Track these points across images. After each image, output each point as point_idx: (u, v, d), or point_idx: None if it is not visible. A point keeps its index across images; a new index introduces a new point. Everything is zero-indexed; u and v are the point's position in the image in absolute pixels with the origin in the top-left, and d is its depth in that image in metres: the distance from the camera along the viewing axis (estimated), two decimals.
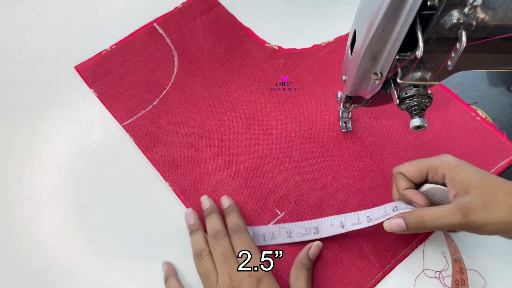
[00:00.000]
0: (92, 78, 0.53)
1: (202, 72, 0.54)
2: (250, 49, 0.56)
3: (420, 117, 0.33)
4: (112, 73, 0.54)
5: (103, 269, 0.45)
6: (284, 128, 0.51)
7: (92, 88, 0.53)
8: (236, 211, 0.45)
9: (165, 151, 0.49)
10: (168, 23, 0.57)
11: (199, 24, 0.57)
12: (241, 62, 0.55)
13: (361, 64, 0.34)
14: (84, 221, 0.47)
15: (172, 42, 0.56)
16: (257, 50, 0.56)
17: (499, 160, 0.49)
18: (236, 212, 0.44)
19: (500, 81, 0.54)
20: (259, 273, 0.39)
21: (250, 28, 0.57)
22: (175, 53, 0.55)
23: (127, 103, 0.52)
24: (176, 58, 0.55)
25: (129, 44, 0.55)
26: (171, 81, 0.54)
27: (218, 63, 0.55)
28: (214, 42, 0.56)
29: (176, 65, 0.55)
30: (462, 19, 0.26)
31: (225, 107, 0.52)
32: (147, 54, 0.55)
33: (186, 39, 0.56)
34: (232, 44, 0.56)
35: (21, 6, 0.58)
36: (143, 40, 0.56)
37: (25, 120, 0.51)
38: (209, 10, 0.58)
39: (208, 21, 0.58)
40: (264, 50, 0.56)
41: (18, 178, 0.49)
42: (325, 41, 0.57)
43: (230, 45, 0.56)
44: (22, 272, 0.44)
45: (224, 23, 0.58)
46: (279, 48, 0.56)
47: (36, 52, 0.55)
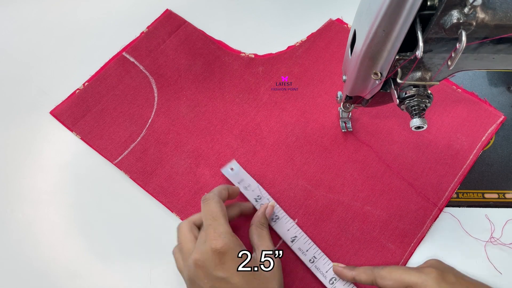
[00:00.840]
0: (71, 121, 0.51)
1: (183, 93, 0.53)
2: (227, 62, 0.55)
3: (420, 117, 0.33)
4: (91, 112, 0.51)
5: (103, 269, 0.45)
6: (279, 135, 0.51)
7: (73, 131, 0.50)
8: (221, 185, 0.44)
9: (165, 181, 0.48)
10: (138, 50, 0.55)
11: (169, 45, 0.56)
12: (220, 76, 0.54)
13: (361, 64, 0.34)
14: (84, 221, 0.47)
15: (146, 68, 0.54)
16: (234, 62, 0.55)
17: (487, 126, 0.51)
18: (219, 186, 0.43)
19: (500, 81, 0.55)
20: (223, 245, 0.36)
21: (222, 40, 0.57)
22: (152, 79, 0.54)
23: (114, 140, 0.50)
24: (154, 84, 0.53)
25: (102, 79, 0.53)
26: (154, 109, 0.52)
27: (198, 82, 0.54)
28: (189, 61, 0.55)
29: (156, 91, 0.53)
30: (462, 19, 0.26)
31: (215, 124, 0.51)
32: (123, 85, 0.53)
33: (160, 63, 0.55)
34: (207, 60, 0.55)
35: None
36: (115, 72, 0.54)
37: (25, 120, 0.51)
38: (177, 29, 0.57)
39: (178, 41, 0.56)
40: (240, 60, 0.55)
41: (18, 178, 0.49)
42: (298, 41, 0.57)
43: (206, 61, 0.55)
44: (22, 272, 0.45)
45: (195, 40, 0.56)
46: (255, 56, 0.56)
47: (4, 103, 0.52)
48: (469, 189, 0.48)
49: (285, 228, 0.45)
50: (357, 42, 0.33)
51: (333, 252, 0.45)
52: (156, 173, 0.48)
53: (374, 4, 0.28)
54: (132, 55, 0.55)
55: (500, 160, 0.50)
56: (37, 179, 0.48)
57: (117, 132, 0.50)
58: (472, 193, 0.48)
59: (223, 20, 0.59)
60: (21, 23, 0.58)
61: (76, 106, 0.52)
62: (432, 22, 0.27)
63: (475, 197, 0.48)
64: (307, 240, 0.45)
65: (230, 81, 0.54)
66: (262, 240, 0.41)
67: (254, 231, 0.42)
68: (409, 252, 0.45)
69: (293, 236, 0.45)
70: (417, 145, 0.50)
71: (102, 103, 0.52)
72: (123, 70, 0.54)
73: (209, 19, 0.58)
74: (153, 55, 0.55)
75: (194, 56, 0.55)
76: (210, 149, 0.50)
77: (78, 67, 0.54)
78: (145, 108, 0.52)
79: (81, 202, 0.48)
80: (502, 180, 0.49)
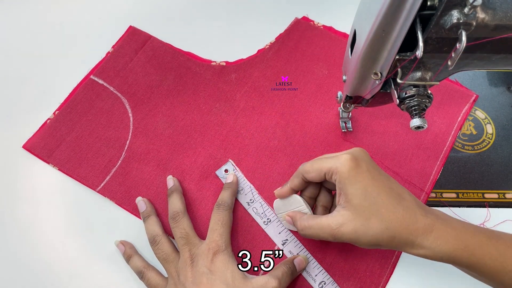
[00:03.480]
0: (46, 153, 0.49)
1: (159, 109, 0.52)
2: (198, 73, 0.54)
3: (420, 117, 0.33)
4: (65, 141, 0.50)
5: (103, 269, 0.44)
6: (260, 139, 0.50)
7: (50, 163, 0.48)
8: (179, 190, 0.46)
9: (152, 203, 0.47)
10: (106, 71, 0.54)
11: (137, 62, 0.55)
12: (194, 88, 0.53)
13: (361, 64, 0.34)
14: (84, 221, 0.47)
15: (116, 89, 0.53)
16: (206, 71, 0.54)
17: (461, 107, 0.52)
18: (178, 192, 0.46)
19: (500, 81, 0.55)
20: (216, 247, 0.40)
21: (191, 51, 0.56)
22: (124, 99, 0.52)
23: (93, 167, 0.48)
24: (127, 104, 0.52)
25: (72, 105, 0.52)
26: (130, 129, 0.51)
27: (172, 96, 0.53)
28: (160, 76, 0.54)
29: (130, 111, 0.52)
30: (462, 19, 0.26)
31: (195, 138, 0.51)
32: (95, 110, 0.52)
33: (130, 82, 0.53)
34: (178, 73, 0.54)
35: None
36: (85, 97, 0.52)
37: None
38: (143, 45, 0.56)
39: (146, 57, 0.55)
40: (212, 69, 0.55)
41: (18, 177, 0.48)
42: (267, 43, 0.57)
43: (177, 74, 0.54)
44: (22, 272, 0.44)
45: (163, 54, 0.55)
46: (227, 63, 0.55)
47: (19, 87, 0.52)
48: (469, 189, 0.49)
49: (277, 231, 0.45)
50: (357, 42, 0.33)
51: (325, 254, 0.45)
52: (142, 195, 0.47)
53: (374, 4, 0.28)
54: (101, 77, 0.53)
55: (500, 160, 0.50)
56: (37, 178, 0.49)
57: (96, 158, 0.49)
58: (472, 193, 0.49)
59: (188, 31, 0.58)
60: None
61: (50, 137, 0.50)
62: (432, 22, 0.27)
63: (475, 197, 0.48)
64: (298, 243, 0.45)
65: (205, 91, 0.53)
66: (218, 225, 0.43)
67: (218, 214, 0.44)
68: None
69: (284, 239, 0.45)
70: (397, 133, 0.51)
71: (76, 131, 0.50)
72: (93, 93, 0.52)
73: (174, 31, 0.57)
74: (122, 74, 0.54)
75: (165, 71, 0.54)
76: (194, 163, 0.49)
77: (45, 96, 0.52)
78: (121, 130, 0.51)
79: (81, 202, 0.47)
80: (502, 180, 0.49)
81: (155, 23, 0.58)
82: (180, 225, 0.42)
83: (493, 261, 0.34)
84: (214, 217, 0.43)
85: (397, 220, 0.34)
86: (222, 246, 0.41)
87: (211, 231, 0.42)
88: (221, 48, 0.56)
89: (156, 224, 0.44)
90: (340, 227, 0.35)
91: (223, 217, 0.43)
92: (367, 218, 0.35)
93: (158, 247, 0.42)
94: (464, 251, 0.34)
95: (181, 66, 0.55)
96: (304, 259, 0.43)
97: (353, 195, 0.35)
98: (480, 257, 0.34)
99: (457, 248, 0.34)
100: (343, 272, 0.44)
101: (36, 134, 0.50)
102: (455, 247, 0.34)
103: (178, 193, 0.45)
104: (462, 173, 0.50)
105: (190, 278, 0.39)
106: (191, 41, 0.56)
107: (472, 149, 0.51)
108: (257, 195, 0.47)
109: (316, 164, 0.38)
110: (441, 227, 0.34)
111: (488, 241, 0.34)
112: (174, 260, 0.41)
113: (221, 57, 0.55)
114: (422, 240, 0.34)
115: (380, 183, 0.36)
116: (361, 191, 0.35)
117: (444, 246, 0.34)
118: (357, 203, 0.35)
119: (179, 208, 0.44)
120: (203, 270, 0.39)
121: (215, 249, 0.40)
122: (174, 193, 0.45)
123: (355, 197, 0.35)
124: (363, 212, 0.35)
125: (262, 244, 0.46)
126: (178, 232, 0.42)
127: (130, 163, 0.49)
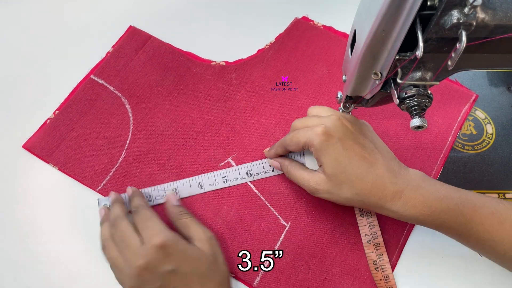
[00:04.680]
0: (46, 152, 0.49)
1: (159, 109, 0.52)
2: (198, 72, 0.54)
3: (420, 117, 0.33)
4: (65, 140, 0.50)
5: (103, 269, 0.43)
6: (260, 140, 0.50)
7: (50, 163, 0.48)
8: (139, 195, 0.45)
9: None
10: (106, 71, 0.54)
11: (137, 62, 0.55)
12: (194, 88, 0.53)
13: (361, 64, 0.34)
14: (84, 221, 0.47)
15: (117, 88, 0.53)
16: (206, 71, 0.54)
17: (461, 106, 0.52)
18: (137, 196, 0.45)
19: (500, 81, 0.55)
20: (162, 238, 0.38)
21: (191, 51, 0.56)
22: (124, 99, 0.52)
23: (93, 167, 0.48)
24: (127, 104, 0.52)
25: (72, 105, 0.52)
26: (130, 129, 0.51)
27: (172, 96, 0.53)
28: (160, 76, 0.54)
29: (130, 111, 0.52)
30: (462, 19, 0.26)
31: (194, 138, 0.51)
32: (95, 109, 0.52)
33: (130, 81, 0.53)
34: (178, 73, 0.54)
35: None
36: (85, 96, 0.52)
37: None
38: (143, 45, 0.56)
39: (146, 57, 0.55)
40: (212, 69, 0.55)
41: (18, 177, 0.48)
42: (267, 43, 0.57)
43: (177, 74, 0.54)
44: (22, 272, 0.44)
45: (163, 54, 0.55)
46: (227, 63, 0.55)
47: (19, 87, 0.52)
48: (469, 189, 0.48)
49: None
50: (357, 42, 0.33)
51: (325, 254, 0.45)
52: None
53: (374, 4, 0.28)
54: (101, 77, 0.53)
55: (500, 160, 0.50)
56: (37, 178, 0.48)
57: (96, 158, 0.49)
58: None
59: (188, 31, 0.58)
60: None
61: (50, 136, 0.50)
62: (432, 22, 0.27)
63: None
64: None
65: (205, 91, 0.53)
66: (189, 229, 0.42)
67: (178, 225, 0.43)
68: (403, 240, 0.46)
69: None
70: (397, 134, 0.51)
71: (76, 130, 0.50)
72: (93, 93, 0.52)
73: (174, 31, 0.57)
74: (122, 74, 0.54)
75: (165, 70, 0.54)
76: (194, 163, 0.49)
77: (45, 96, 0.52)
78: (121, 129, 0.51)
79: (81, 202, 0.47)
80: (502, 180, 0.49)
81: (155, 23, 0.58)
82: (118, 228, 0.40)
83: (459, 225, 0.38)
84: (137, 220, 0.41)
85: (366, 187, 0.39)
86: (166, 233, 0.39)
87: (142, 229, 0.39)
88: (221, 48, 0.56)
89: (106, 230, 0.42)
90: (316, 185, 0.41)
91: (142, 215, 0.41)
92: (339, 184, 0.39)
93: (106, 252, 0.40)
94: (429, 216, 0.38)
95: (181, 66, 0.55)
96: (170, 194, 0.46)
97: (326, 164, 0.39)
98: (445, 221, 0.38)
99: (423, 213, 0.38)
100: (343, 271, 0.44)
101: (36, 133, 0.50)
102: (421, 212, 0.38)
103: (119, 203, 0.44)
104: (462, 173, 0.50)
105: (155, 281, 0.37)
106: (191, 41, 0.56)
107: (472, 149, 0.51)
108: (155, 191, 0.47)
109: (295, 138, 0.42)
110: (409, 194, 0.38)
111: (455, 207, 0.38)
112: (120, 264, 0.39)
113: (221, 57, 0.55)
114: (391, 205, 0.38)
115: (351, 152, 0.39)
116: (333, 161, 0.39)
117: (410, 210, 0.38)
118: (330, 171, 0.39)
119: (119, 214, 0.42)
120: (164, 268, 0.37)
121: (161, 240, 0.38)
122: (115, 204, 0.44)
123: (328, 166, 0.39)
124: (336, 178, 0.39)
125: (262, 244, 0.46)
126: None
127: (130, 163, 0.49)
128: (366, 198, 0.39)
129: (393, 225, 0.46)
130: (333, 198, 0.40)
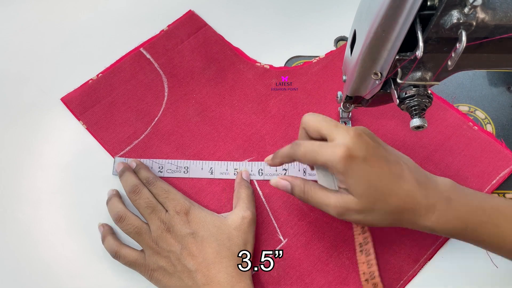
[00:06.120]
0: (80, 110, 0.51)
1: (193, 96, 0.53)
2: (241, 70, 0.55)
3: (420, 117, 0.34)
4: (100, 103, 0.52)
5: (103, 269, 0.45)
6: None
7: (80, 120, 0.51)
8: (144, 167, 0.47)
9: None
10: (155, 47, 0.56)
11: (186, 46, 0.56)
12: (232, 83, 0.54)
13: (361, 64, 0.34)
14: (84, 221, 0.47)
15: (160, 66, 0.54)
16: (249, 71, 0.55)
17: (500, 170, 0.49)
18: (143, 168, 0.47)
19: (500, 81, 0.54)
20: (184, 207, 0.42)
21: (239, 48, 0.56)
22: (164, 78, 0.54)
23: (118, 134, 0.50)
24: (166, 83, 0.53)
25: (116, 72, 0.54)
26: (162, 108, 0.52)
27: (209, 86, 0.54)
28: (204, 64, 0.55)
29: (166, 91, 0.53)
30: (462, 19, 0.26)
31: (219, 131, 0.51)
32: (135, 81, 0.53)
33: (175, 63, 0.55)
34: (222, 66, 0.55)
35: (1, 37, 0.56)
36: (130, 67, 0.54)
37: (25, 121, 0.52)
38: (196, 31, 0.57)
39: (196, 43, 0.56)
40: (255, 70, 0.55)
41: (18, 177, 0.49)
42: (316, 58, 0.56)
43: (220, 67, 0.55)
44: (22, 272, 0.45)
45: (213, 44, 0.56)
46: (271, 67, 0.55)
47: (19, 86, 0.53)
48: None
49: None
50: (357, 42, 0.33)
51: (315, 280, 0.44)
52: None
53: (374, 4, 0.28)
54: (149, 52, 0.55)
55: None
56: (37, 178, 0.49)
57: (123, 127, 0.51)
58: None
59: (243, 27, 0.58)
60: (30, 17, 0.59)
61: (87, 96, 0.52)
62: (432, 22, 0.27)
63: None
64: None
65: (241, 89, 0.53)
66: (238, 200, 0.45)
67: (236, 194, 0.46)
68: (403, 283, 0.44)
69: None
70: (397, 133, 0.50)
71: (112, 96, 0.52)
72: (138, 65, 0.54)
73: (230, 25, 0.58)
74: (170, 54, 0.55)
75: (209, 60, 0.55)
76: (211, 156, 0.49)
77: (94, 59, 0.54)
78: (153, 106, 0.52)
79: (81, 201, 0.48)
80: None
81: (214, 12, 0.58)
82: (142, 196, 0.43)
83: (492, 237, 0.37)
84: (154, 191, 0.44)
85: (399, 203, 0.36)
86: (187, 203, 0.43)
87: (165, 200, 0.43)
88: (270, 51, 0.56)
89: (120, 202, 0.45)
90: (346, 207, 0.36)
91: (160, 187, 0.44)
92: (371, 203, 0.36)
93: (126, 221, 0.42)
94: (465, 230, 0.37)
95: (227, 59, 0.55)
96: (244, 170, 0.48)
97: (354, 186, 0.36)
98: (480, 235, 0.37)
99: (458, 227, 0.37)
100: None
101: (76, 90, 0.52)
102: (456, 226, 0.37)
103: (130, 171, 0.46)
104: None
105: (175, 243, 0.40)
106: (243, 37, 0.57)
107: None
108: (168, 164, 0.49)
109: (309, 155, 0.37)
110: (442, 208, 0.36)
111: (488, 220, 0.37)
112: (147, 231, 0.42)
113: (267, 60, 0.55)
114: (424, 220, 0.36)
115: (379, 169, 0.36)
116: (362, 181, 0.35)
117: (445, 225, 0.36)
118: (360, 192, 0.36)
119: (136, 181, 0.44)
120: (184, 232, 0.41)
121: (183, 209, 0.42)
122: (126, 172, 0.45)
123: (358, 187, 0.36)
124: (367, 198, 0.36)
125: (262, 244, 0.45)
126: (142, 202, 0.42)
127: (152, 139, 0.50)
128: (400, 214, 0.36)
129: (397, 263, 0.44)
130: (364, 219, 0.37)
